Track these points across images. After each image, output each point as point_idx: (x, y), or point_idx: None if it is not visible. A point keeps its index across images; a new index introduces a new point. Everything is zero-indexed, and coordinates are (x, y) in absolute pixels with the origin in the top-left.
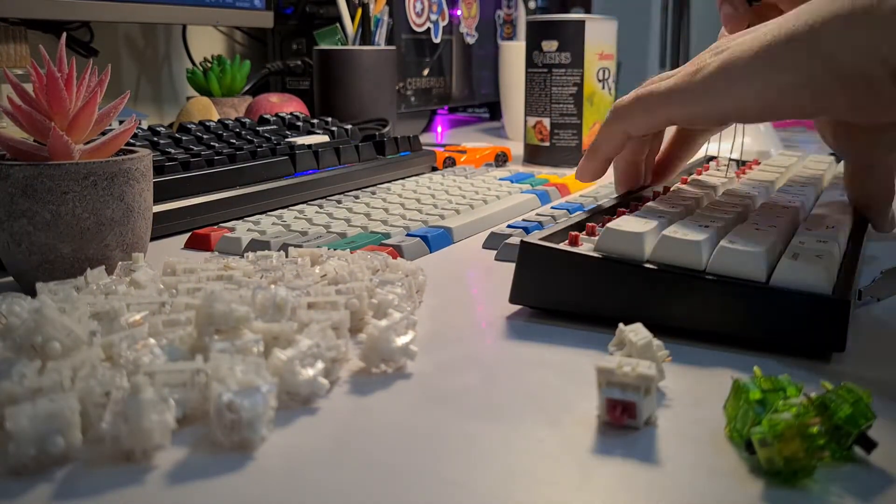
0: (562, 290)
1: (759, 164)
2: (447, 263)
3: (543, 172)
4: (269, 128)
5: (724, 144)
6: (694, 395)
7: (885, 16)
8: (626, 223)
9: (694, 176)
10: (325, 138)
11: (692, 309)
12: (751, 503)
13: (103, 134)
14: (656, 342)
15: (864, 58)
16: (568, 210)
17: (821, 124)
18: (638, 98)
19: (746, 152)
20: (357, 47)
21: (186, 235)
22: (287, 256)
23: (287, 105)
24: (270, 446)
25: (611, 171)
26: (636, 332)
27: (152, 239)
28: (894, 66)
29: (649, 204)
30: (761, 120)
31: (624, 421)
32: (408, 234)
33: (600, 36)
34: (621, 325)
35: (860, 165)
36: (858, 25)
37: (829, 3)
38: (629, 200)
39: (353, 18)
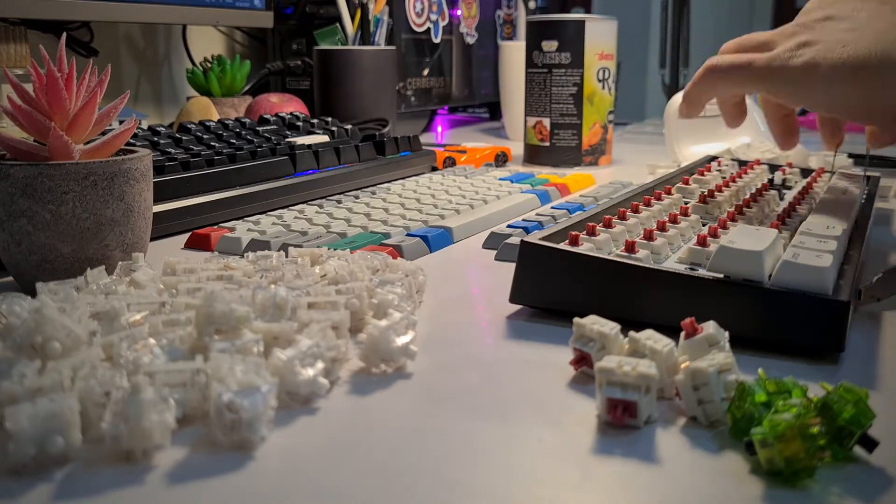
0: (562, 290)
1: (760, 164)
2: (447, 263)
3: (543, 172)
4: (269, 128)
5: (721, 144)
6: None
7: None
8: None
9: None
10: (325, 138)
11: (691, 309)
12: (751, 503)
13: (103, 134)
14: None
15: None
16: (568, 210)
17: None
18: (734, 67)
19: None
20: (357, 47)
21: (186, 235)
22: (287, 256)
23: (287, 105)
24: (270, 446)
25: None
26: (602, 324)
27: (152, 239)
28: None
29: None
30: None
31: (624, 421)
32: (408, 234)
33: (600, 36)
34: (577, 320)
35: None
36: None
37: None
38: (629, 201)
39: (353, 18)
